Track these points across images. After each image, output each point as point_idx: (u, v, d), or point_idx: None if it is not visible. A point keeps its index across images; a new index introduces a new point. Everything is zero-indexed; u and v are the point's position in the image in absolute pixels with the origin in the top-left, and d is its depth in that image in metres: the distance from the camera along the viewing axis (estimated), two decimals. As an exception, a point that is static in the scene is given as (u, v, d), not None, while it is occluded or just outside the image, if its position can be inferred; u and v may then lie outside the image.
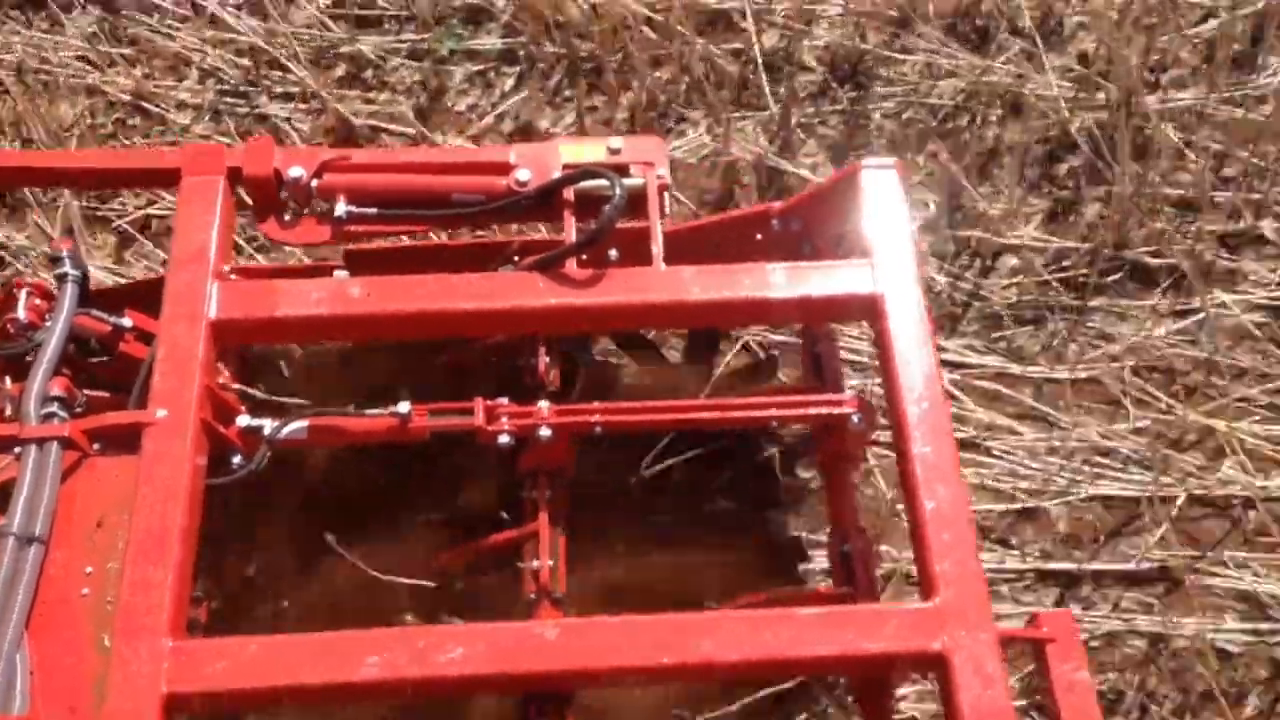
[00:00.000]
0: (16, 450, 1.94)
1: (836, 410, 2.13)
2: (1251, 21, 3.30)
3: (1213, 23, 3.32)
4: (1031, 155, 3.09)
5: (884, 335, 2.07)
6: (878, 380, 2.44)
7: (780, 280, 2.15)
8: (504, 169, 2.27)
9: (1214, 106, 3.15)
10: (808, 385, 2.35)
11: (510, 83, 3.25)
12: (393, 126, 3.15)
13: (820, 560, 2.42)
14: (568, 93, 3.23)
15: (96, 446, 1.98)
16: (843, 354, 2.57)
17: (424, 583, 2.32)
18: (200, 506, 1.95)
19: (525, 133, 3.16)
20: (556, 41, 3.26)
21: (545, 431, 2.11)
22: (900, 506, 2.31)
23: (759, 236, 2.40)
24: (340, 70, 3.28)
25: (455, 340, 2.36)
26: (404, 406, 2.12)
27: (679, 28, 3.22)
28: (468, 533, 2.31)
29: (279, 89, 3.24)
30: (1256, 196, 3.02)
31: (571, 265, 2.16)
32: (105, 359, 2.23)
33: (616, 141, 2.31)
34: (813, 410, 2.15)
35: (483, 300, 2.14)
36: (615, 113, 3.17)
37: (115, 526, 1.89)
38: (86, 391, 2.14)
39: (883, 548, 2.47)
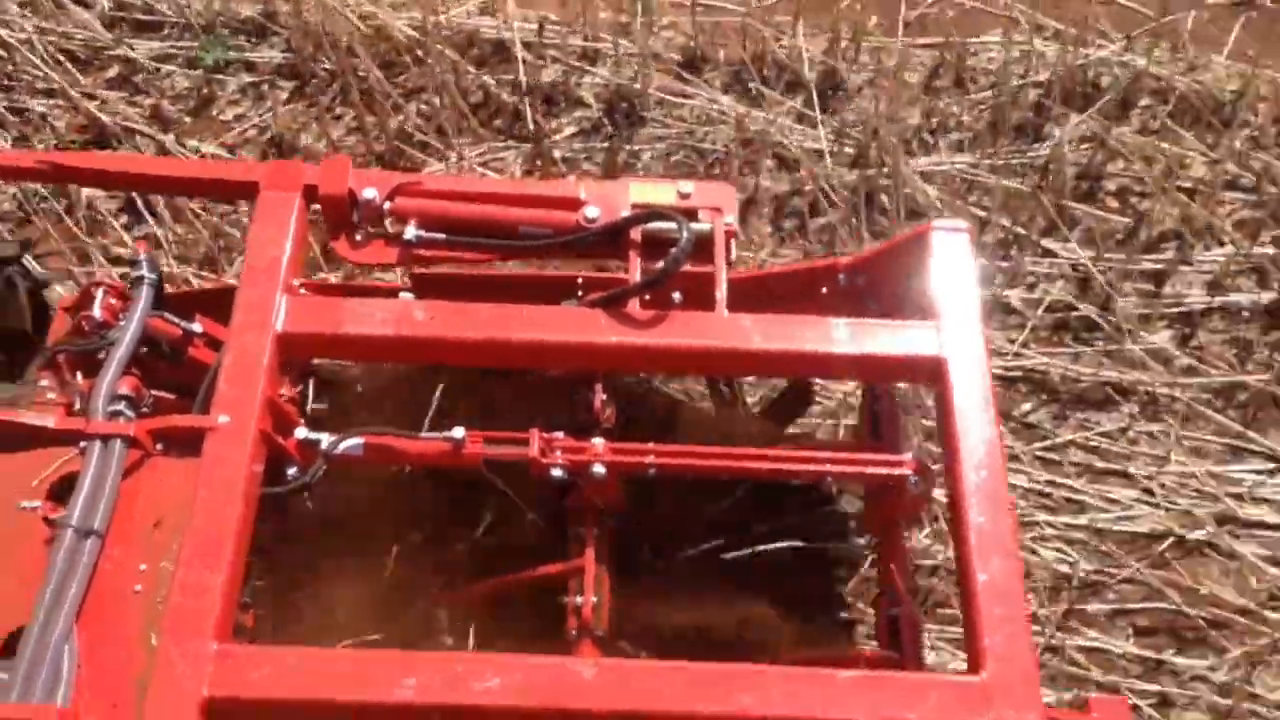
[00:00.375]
0: (82, 444, 1.98)
1: (894, 471, 2.12)
2: (1042, 90, 3.30)
3: (1000, 88, 3.32)
4: (790, 207, 3.09)
5: (945, 400, 2.06)
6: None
7: (843, 336, 2.15)
8: (573, 204, 2.29)
9: (984, 173, 3.14)
10: (865, 443, 2.34)
11: (283, 97, 3.33)
12: (149, 130, 3.24)
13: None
14: (339, 111, 3.29)
15: (159, 447, 2.01)
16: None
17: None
18: (255, 513, 1.97)
19: (279, 146, 3.24)
20: (333, 60, 3.33)
21: (599, 469, 2.11)
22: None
23: (824, 290, 2.40)
24: (113, 72, 3.39)
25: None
26: (458, 432, 2.14)
27: (458, 57, 3.30)
28: (511, 556, 2.32)
29: (41, 85, 3.33)
30: (1008, 264, 3.00)
31: (634, 305, 2.17)
32: (174, 361, 2.27)
33: (687, 185, 2.33)
34: (869, 470, 2.13)
35: (544, 333, 2.16)
36: (382, 134, 3.22)
37: (172, 527, 1.91)
38: (153, 392, 2.18)
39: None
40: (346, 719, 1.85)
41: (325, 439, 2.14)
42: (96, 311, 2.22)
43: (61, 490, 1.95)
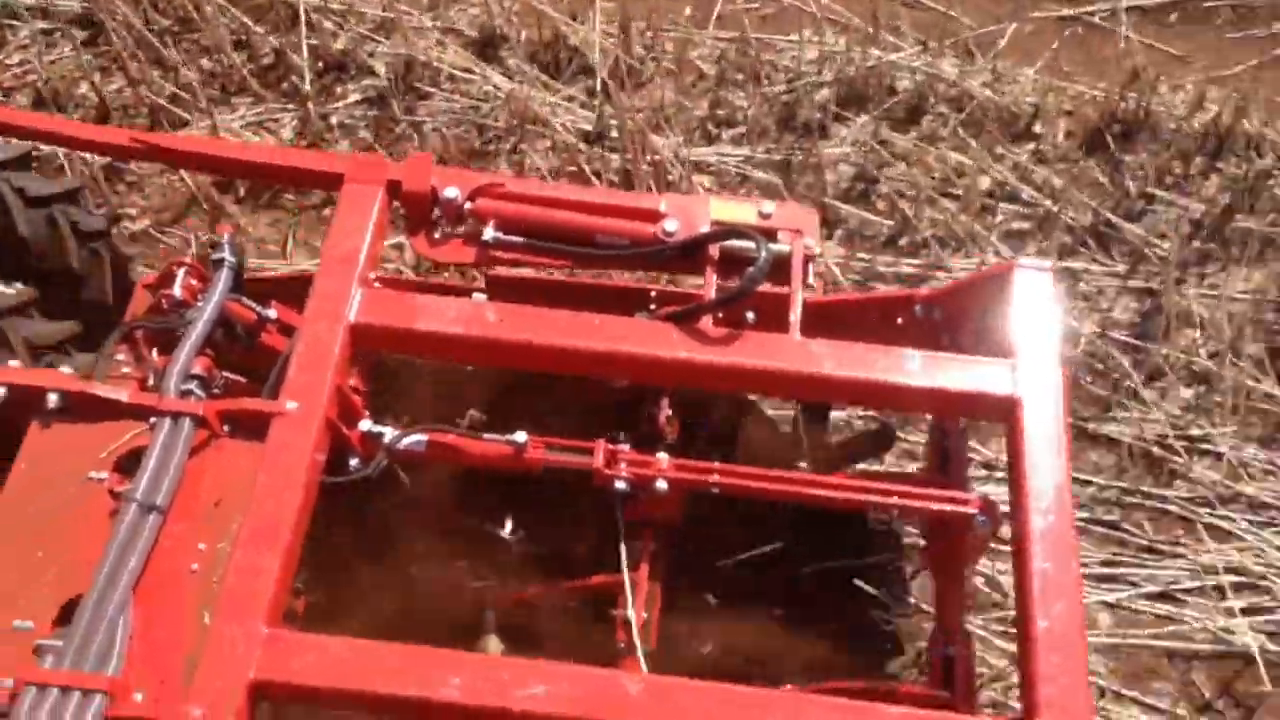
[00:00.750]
0: (152, 420, 2.00)
1: (961, 509, 2.07)
2: (834, 90, 3.29)
3: (793, 86, 3.32)
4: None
5: (1017, 440, 2.01)
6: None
7: (915, 368, 2.11)
8: (653, 217, 2.28)
9: (755, 168, 3.12)
10: (931, 478, 2.30)
11: (70, 46, 3.39)
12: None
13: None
14: (124, 63, 3.34)
15: (226, 428, 2.03)
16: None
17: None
18: (314, 501, 1.98)
19: (53, 94, 3.30)
20: (133, 12, 3.39)
21: (662, 484, 2.10)
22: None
23: (899, 320, 2.36)
24: None
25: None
26: (520, 436, 2.14)
27: (248, 19, 3.39)
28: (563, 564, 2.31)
29: None
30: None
31: (707, 322, 2.16)
32: (246, 344, 2.29)
33: (768, 205, 2.31)
34: (935, 505, 2.09)
35: (615, 343, 2.15)
36: (164, 89, 3.29)
37: (232, 508, 1.93)
38: (224, 374, 2.21)
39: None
40: (390, 713, 1.85)
41: (389, 433, 2.15)
42: (177, 290, 2.26)
43: (129, 464, 1.98)
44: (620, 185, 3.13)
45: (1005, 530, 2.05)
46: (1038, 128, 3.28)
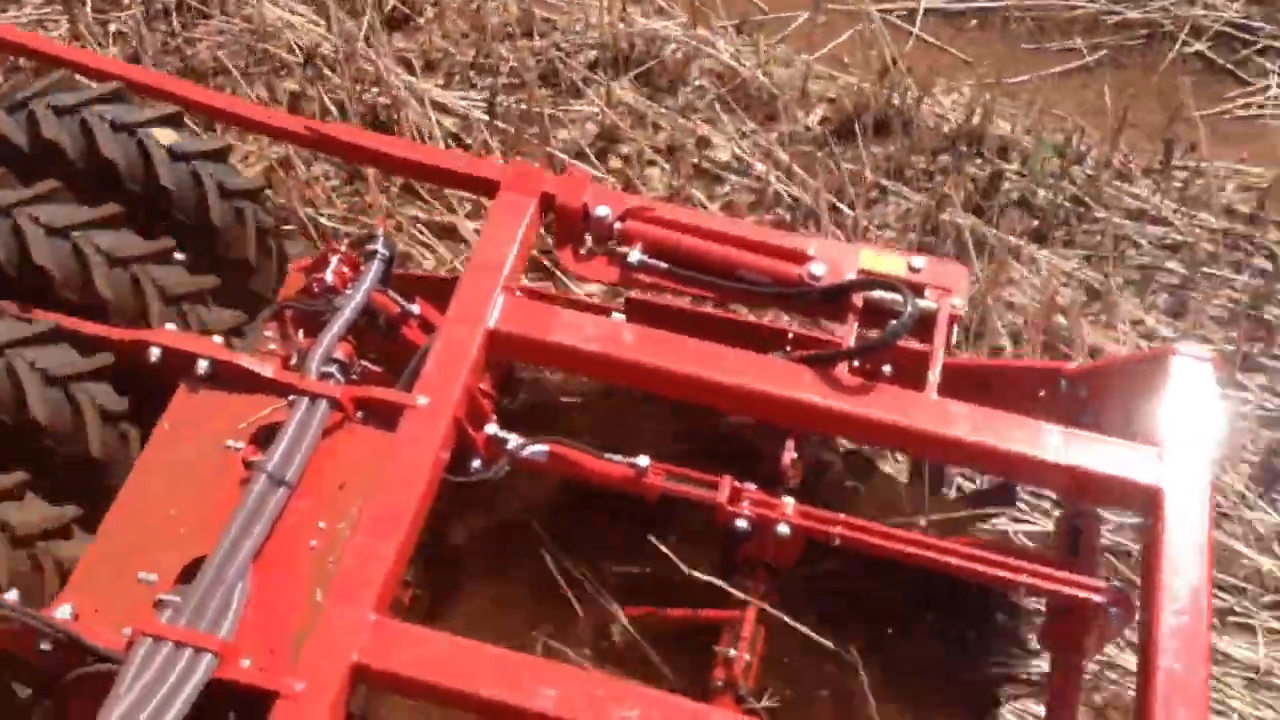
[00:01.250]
0: (291, 398, 2.06)
1: (1094, 598, 1.98)
2: (601, 53, 3.37)
3: (558, 44, 3.39)
4: (305, 112, 3.29)
5: (1156, 533, 1.92)
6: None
7: (1055, 443, 2.04)
8: (800, 259, 2.26)
9: (499, 117, 3.26)
10: (1059, 558, 2.21)
11: None
12: None
13: None
14: None
15: (359, 414, 2.07)
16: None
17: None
18: (434, 496, 2.00)
19: None
20: None
21: (784, 528, 2.06)
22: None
23: (1041, 393, 2.29)
24: None
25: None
26: (643, 460, 2.13)
27: None
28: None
29: None
30: None
31: (843, 369, 2.12)
32: (386, 336, 2.34)
33: (919, 260, 2.27)
34: (1067, 590, 2.00)
35: (747, 380, 2.13)
36: None
37: (355, 493, 1.97)
38: (362, 361, 2.26)
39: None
40: (482, 715, 1.85)
41: (513, 439, 2.16)
42: (329, 276, 2.32)
43: (264, 436, 2.03)
44: (363, 115, 3.31)
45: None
46: (796, 111, 3.30)
